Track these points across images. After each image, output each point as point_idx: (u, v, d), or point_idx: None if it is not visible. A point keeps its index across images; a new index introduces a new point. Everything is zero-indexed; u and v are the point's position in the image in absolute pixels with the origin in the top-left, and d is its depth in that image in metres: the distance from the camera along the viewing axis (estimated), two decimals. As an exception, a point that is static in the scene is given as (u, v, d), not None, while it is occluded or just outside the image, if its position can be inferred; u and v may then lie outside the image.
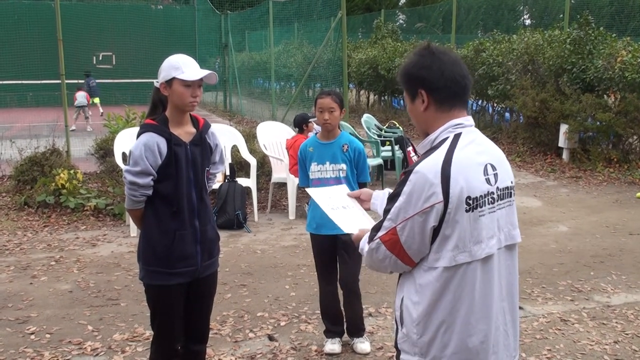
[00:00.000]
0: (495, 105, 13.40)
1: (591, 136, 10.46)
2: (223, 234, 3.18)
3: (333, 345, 4.06)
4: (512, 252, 2.07)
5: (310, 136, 7.47)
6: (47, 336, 4.30)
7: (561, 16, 14.77)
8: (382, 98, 19.17)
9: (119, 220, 7.24)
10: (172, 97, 2.89)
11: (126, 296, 5.05)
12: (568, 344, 4.23)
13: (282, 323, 4.53)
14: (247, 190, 7.47)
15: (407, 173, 1.92)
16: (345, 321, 4.13)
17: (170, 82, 2.87)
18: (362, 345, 4.06)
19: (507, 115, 13.15)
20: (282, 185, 8.06)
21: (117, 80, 19.50)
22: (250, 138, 8.72)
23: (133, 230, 6.68)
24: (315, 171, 3.98)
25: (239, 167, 7.86)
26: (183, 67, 2.86)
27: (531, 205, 8.20)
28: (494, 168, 1.98)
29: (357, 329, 4.11)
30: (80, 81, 17.29)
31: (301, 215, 7.50)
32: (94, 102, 17.56)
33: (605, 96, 10.36)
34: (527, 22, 26.38)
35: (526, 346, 4.18)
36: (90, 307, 4.81)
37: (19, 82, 17.40)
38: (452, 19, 15.56)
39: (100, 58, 20.90)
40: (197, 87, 2.90)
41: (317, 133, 4.19)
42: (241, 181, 7.37)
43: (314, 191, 2.70)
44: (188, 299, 3.10)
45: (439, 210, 1.87)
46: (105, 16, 20.92)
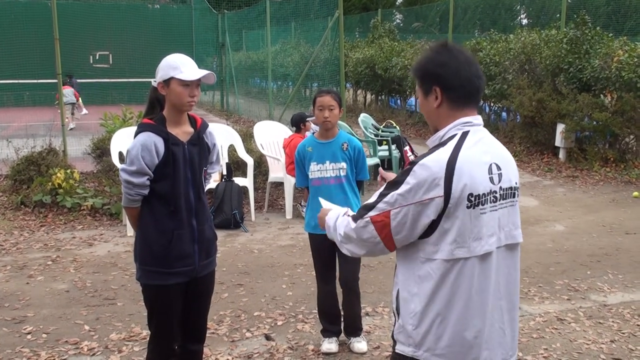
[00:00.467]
0: (492, 104, 13.40)
1: (588, 136, 10.47)
2: (220, 234, 3.18)
3: (330, 344, 4.06)
4: (514, 252, 2.08)
5: (307, 135, 7.53)
6: (44, 336, 4.30)
7: (558, 16, 14.78)
8: (379, 98, 19.17)
9: (116, 219, 7.23)
10: (170, 97, 2.89)
11: (123, 296, 5.04)
12: (565, 343, 4.24)
13: (279, 322, 4.53)
14: (244, 189, 7.47)
15: (413, 164, 1.94)
16: (342, 320, 4.13)
17: (168, 82, 2.86)
18: (359, 344, 4.07)
19: (504, 114, 13.15)
20: (279, 184, 8.06)
21: (114, 79, 19.46)
22: (247, 137, 8.72)
23: (130, 229, 6.67)
24: (315, 171, 3.98)
25: (236, 167, 7.86)
26: (181, 67, 2.85)
27: (528, 204, 8.21)
28: (499, 168, 2.00)
29: (355, 329, 4.11)
30: (77, 80, 17.23)
31: (298, 215, 7.50)
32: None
33: (602, 96, 10.37)
34: (524, 22, 26.43)
35: (523, 345, 4.18)
36: (87, 307, 4.81)
37: (16, 82, 17.35)
38: (449, 19, 15.54)
39: (97, 57, 20.84)
40: (196, 87, 2.90)
41: (315, 133, 4.18)
42: (238, 181, 7.36)
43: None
44: (186, 299, 3.10)
45: (438, 204, 1.89)
46: (102, 15, 20.85)
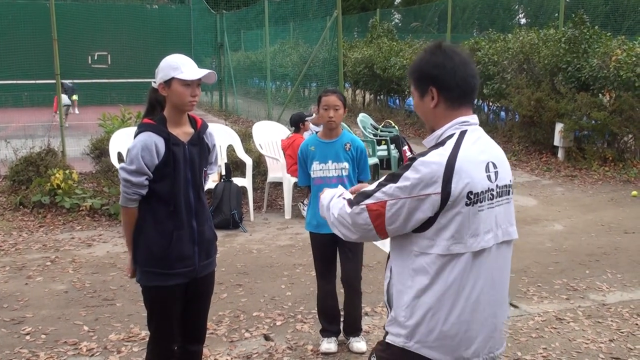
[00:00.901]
0: (490, 104, 13.42)
1: (586, 135, 10.48)
2: (219, 234, 3.18)
3: (329, 344, 4.06)
4: (508, 248, 2.12)
5: (305, 135, 7.53)
6: (43, 337, 4.30)
7: (556, 15, 14.80)
8: (378, 97, 19.17)
9: (115, 220, 7.22)
10: (171, 97, 2.89)
11: (122, 296, 5.04)
12: (563, 343, 4.24)
13: (278, 323, 4.53)
14: (243, 189, 7.46)
15: (413, 160, 1.97)
16: (342, 320, 4.13)
17: (169, 82, 2.86)
18: (358, 344, 4.07)
19: (503, 114, 13.17)
20: (278, 184, 8.06)
21: (113, 80, 19.45)
22: (246, 138, 8.72)
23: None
24: (317, 170, 3.99)
25: (235, 167, 7.86)
26: (182, 67, 2.85)
27: (526, 204, 8.22)
28: (495, 166, 2.04)
29: (355, 329, 4.11)
30: (76, 81, 17.22)
31: (297, 215, 7.50)
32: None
33: (600, 95, 10.38)
34: (522, 21, 26.48)
35: (522, 345, 4.19)
36: (85, 308, 4.80)
37: (14, 82, 17.34)
38: (448, 18, 15.55)
39: (95, 57, 20.82)
40: (196, 87, 2.90)
41: (318, 132, 4.19)
42: (237, 181, 7.36)
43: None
44: (185, 299, 3.09)
45: (435, 200, 1.91)
46: (100, 16, 20.83)
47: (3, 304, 4.86)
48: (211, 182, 6.95)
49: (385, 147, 9.67)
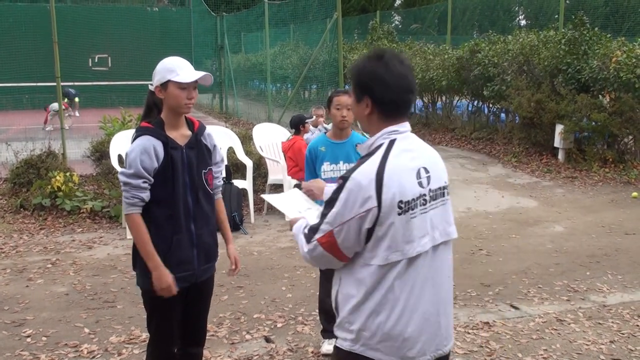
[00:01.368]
0: (490, 106, 13.41)
1: (586, 136, 10.48)
2: (219, 236, 3.19)
3: (330, 345, 4.04)
4: (447, 248, 2.19)
5: (306, 137, 7.53)
6: (44, 339, 4.30)
7: (556, 17, 14.81)
8: (378, 99, 19.17)
9: (115, 222, 7.23)
10: (168, 100, 2.89)
11: (122, 298, 5.04)
12: (564, 344, 4.24)
13: (279, 325, 4.54)
14: (244, 192, 7.47)
15: (344, 179, 2.04)
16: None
17: (165, 85, 2.86)
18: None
19: (503, 115, 13.16)
20: (279, 186, 8.06)
21: (113, 82, 19.46)
22: (246, 140, 8.72)
23: (129, 232, 6.66)
24: (327, 171, 3.99)
25: (235, 169, 7.86)
26: (178, 70, 2.86)
27: (527, 205, 8.22)
28: (427, 171, 2.09)
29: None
30: (76, 83, 17.23)
31: (298, 216, 7.49)
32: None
33: (600, 96, 10.38)
34: (522, 23, 26.49)
35: (522, 346, 4.19)
36: (86, 310, 4.81)
37: (15, 85, 17.36)
38: (448, 20, 15.58)
39: (96, 60, 20.84)
40: (192, 89, 2.90)
41: (327, 132, 4.17)
42: (237, 183, 7.37)
43: (271, 198, 2.73)
44: (185, 302, 3.09)
45: (374, 214, 1.99)
46: (100, 18, 20.85)
47: (4, 307, 4.86)
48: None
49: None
